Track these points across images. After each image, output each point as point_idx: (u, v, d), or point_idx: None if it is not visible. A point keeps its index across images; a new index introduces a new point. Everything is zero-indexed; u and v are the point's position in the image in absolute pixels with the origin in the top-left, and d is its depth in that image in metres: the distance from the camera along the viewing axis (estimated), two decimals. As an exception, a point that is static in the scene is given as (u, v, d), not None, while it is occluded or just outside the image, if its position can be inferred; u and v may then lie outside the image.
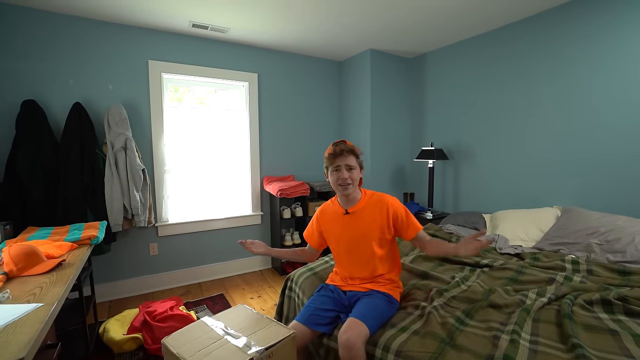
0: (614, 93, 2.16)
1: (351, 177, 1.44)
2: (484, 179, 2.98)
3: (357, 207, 1.50)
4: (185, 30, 2.79)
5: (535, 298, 1.46)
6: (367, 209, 1.49)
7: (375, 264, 1.50)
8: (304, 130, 3.59)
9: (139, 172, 2.51)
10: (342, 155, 1.44)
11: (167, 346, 1.16)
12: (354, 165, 1.45)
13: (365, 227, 1.48)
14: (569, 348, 1.09)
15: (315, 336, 1.44)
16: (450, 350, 1.14)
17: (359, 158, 1.48)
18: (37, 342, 0.89)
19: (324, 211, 1.61)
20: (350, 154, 1.45)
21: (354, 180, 1.46)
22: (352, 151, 1.46)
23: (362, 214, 1.49)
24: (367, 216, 1.48)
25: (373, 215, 1.48)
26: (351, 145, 1.48)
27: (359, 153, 1.49)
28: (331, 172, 1.48)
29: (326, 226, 1.59)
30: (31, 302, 1.08)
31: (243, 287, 3.00)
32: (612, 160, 2.18)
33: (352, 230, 1.50)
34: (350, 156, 1.45)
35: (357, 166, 1.47)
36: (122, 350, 1.98)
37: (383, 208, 1.48)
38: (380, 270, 1.51)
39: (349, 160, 1.44)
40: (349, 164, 1.44)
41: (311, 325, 1.40)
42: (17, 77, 2.33)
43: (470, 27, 2.78)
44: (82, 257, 1.56)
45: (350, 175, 1.44)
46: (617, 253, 1.86)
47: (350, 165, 1.44)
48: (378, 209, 1.48)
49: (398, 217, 1.48)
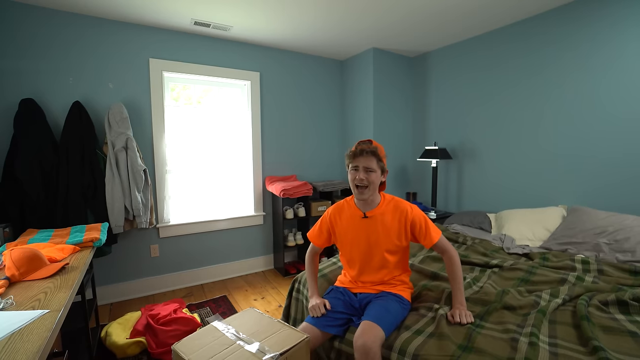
0: (619, 91, 2.14)
1: (368, 179, 1.37)
2: (488, 178, 2.97)
3: (376, 212, 1.44)
4: (187, 28, 2.75)
5: (549, 299, 1.44)
6: (387, 215, 1.44)
7: (388, 268, 1.48)
8: (307, 130, 3.56)
9: (140, 173, 2.46)
10: (362, 156, 1.38)
11: (178, 352, 1.12)
12: (373, 168, 1.37)
13: (383, 232, 1.43)
14: (590, 351, 1.07)
15: (326, 339, 1.41)
16: (469, 354, 1.11)
17: (381, 161, 1.40)
18: (46, 351, 0.85)
19: (339, 211, 1.54)
20: (371, 155, 1.38)
21: (370, 183, 1.38)
22: (374, 153, 1.38)
23: (382, 219, 1.44)
24: (386, 222, 1.43)
25: (392, 221, 1.43)
26: (375, 146, 1.40)
27: (381, 155, 1.41)
28: (350, 170, 1.43)
29: (341, 228, 1.52)
30: (36, 308, 1.04)
31: (246, 288, 2.96)
32: (617, 159, 2.17)
33: (369, 234, 1.45)
34: (370, 158, 1.37)
35: (378, 169, 1.39)
36: (125, 354, 1.94)
37: (402, 215, 1.43)
38: (391, 274, 1.49)
39: (368, 162, 1.37)
40: (368, 166, 1.37)
41: (322, 327, 1.38)
42: (16, 75, 2.27)
43: (474, 26, 2.76)
44: (85, 260, 1.52)
45: (368, 177, 1.37)
46: (626, 252, 1.85)
47: (369, 168, 1.37)
48: (397, 215, 1.43)
49: (416, 225, 1.43)
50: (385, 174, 1.45)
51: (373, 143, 1.42)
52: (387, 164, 1.47)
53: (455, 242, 2.34)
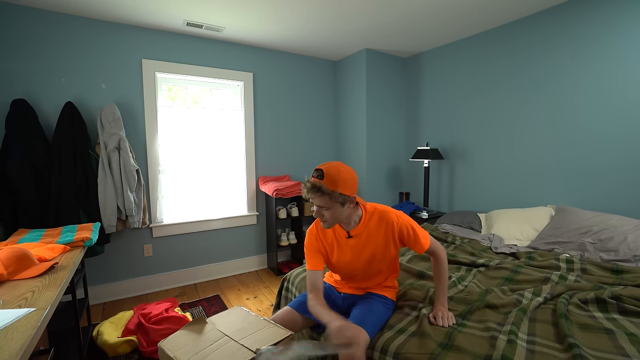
0: (606, 93, 2.18)
1: (325, 216, 1.27)
2: (479, 178, 3.00)
3: (360, 229, 1.37)
4: (180, 29, 2.76)
5: (531, 298, 1.47)
6: (371, 229, 1.36)
7: (377, 277, 1.48)
8: (300, 130, 3.58)
9: (132, 173, 2.48)
10: (311, 194, 1.26)
11: (163, 349, 1.14)
12: (327, 205, 1.24)
13: (371, 248, 1.37)
14: (566, 348, 1.10)
15: (307, 325, 1.44)
16: (448, 352, 1.14)
17: (335, 194, 1.22)
18: (30, 348, 0.87)
19: (324, 233, 1.43)
20: (318, 193, 1.23)
21: (331, 217, 1.27)
22: (320, 190, 1.22)
23: (367, 234, 1.37)
24: (372, 236, 1.36)
25: (378, 235, 1.36)
26: (322, 183, 1.22)
27: (332, 189, 1.21)
28: None
29: (329, 249, 1.43)
30: (22, 306, 1.06)
31: (239, 287, 2.98)
32: (607, 161, 2.21)
33: (357, 253, 1.39)
34: (320, 196, 1.23)
35: (335, 204, 1.24)
36: (116, 353, 1.96)
37: (388, 226, 1.35)
38: (379, 280, 1.50)
39: (320, 200, 1.24)
40: (321, 205, 1.25)
41: (302, 312, 1.41)
42: (7, 75, 2.28)
43: (466, 28, 2.79)
44: (75, 259, 1.53)
45: (325, 215, 1.27)
46: (610, 252, 1.88)
47: (323, 206, 1.25)
48: (383, 227, 1.36)
49: (404, 233, 1.36)
50: (351, 201, 1.28)
51: (324, 173, 1.23)
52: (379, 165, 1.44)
53: (444, 242, 2.37)
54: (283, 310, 1.44)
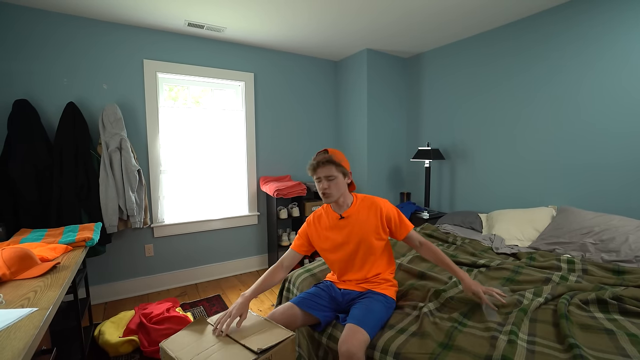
0: (610, 91, 2.17)
1: (330, 187, 1.44)
2: (480, 178, 3.00)
3: (352, 211, 1.51)
4: (181, 30, 2.77)
5: (532, 298, 1.47)
6: (361, 212, 1.51)
7: (370, 265, 1.51)
8: (301, 130, 3.58)
9: (134, 173, 2.48)
10: (320, 167, 1.44)
11: (165, 350, 1.15)
12: (333, 174, 1.44)
13: (362, 229, 1.48)
14: (566, 348, 1.10)
15: (308, 322, 1.46)
16: (449, 351, 1.14)
17: (340, 166, 1.46)
18: (33, 348, 0.87)
19: (318, 218, 1.60)
20: (328, 164, 1.44)
21: (335, 189, 1.45)
22: (330, 161, 1.44)
23: (357, 217, 1.50)
24: (362, 219, 1.49)
25: (368, 218, 1.49)
26: (330, 155, 1.47)
27: (338, 161, 1.46)
28: (315, 182, 1.50)
29: (320, 233, 1.57)
30: (25, 306, 1.06)
31: (240, 287, 2.98)
32: (610, 158, 2.20)
33: (348, 233, 1.50)
34: (328, 166, 1.44)
35: (339, 174, 1.46)
36: (117, 353, 1.96)
37: (377, 210, 1.50)
38: (374, 271, 1.52)
39: (327, 170, 1.44)
40: (328, 175, 1.44)
41: (304, 307, 1.44)
42: (9, 76, 2.29)
43: (467, 28, 2.79)
44: (77, 259, 1.54)
45: (330, 185, 1.44)
46: (611, 252, 1.88)
47: (329, 176, 1.44)
48: (372, 211, 1.50)
49: (391, 218, 1.51)
50: (349, 176, 1.52)
51: (329, 151, 1.48)
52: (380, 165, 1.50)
53: (445, 242, 2.37)
54: (284, 305, 1.47)
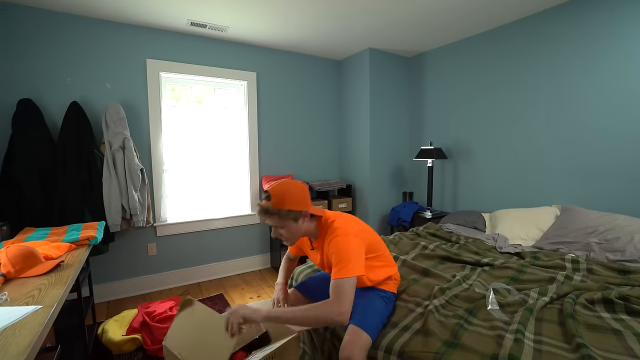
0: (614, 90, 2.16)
1: (284, 235, 1.30)
2: (483, 178, 2.98)
3: (318, 244, 1.39)
4: (184, 29, 2.77)
5: (537, 297, 1.46)
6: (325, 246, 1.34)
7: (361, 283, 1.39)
8: (303, 129, 3.58)
9: (137, 172, 2.49)
10: (261, 217, 1.27)
11: (169, 349, 1.15)
12: (278, 224, 1.26)
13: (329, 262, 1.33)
14: (574, 348, 1.09)
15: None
16: (454, 350, 1.13)
17: (285, 213, 1.22)
18: (37, 345, 0.87)
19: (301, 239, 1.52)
20: (266, 215, 1.24)
21: (289, 235, 1.30)
22: (268, 212, 1.23)
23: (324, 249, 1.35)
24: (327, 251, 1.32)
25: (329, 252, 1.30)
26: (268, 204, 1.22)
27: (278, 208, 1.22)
28: None
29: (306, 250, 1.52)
30: (30, 304, 1.07)
31: (242, 286, 2.98)
32: (612, 159, 2.19)
33: (325, 263, 1.41)
34: (270, 217, 1.24)
35: (288, 221, 1.25)
36: (121, 351, 1.96)
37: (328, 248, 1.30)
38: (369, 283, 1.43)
39: (272, 221, 1.26)
40: (275, 225, 1.27)
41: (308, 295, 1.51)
42: (13, 76, 2.30)
43: (470, 27, 2.78)
44: (80, 258, 1.54)
45: (282, 233, 1.29)
46: (616, 252, 1.86)
47: (277, 226, 1.27)
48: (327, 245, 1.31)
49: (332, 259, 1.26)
50: (305, 214, 1.28)
51: (271, 195, 1.24)
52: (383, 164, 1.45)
53: (448, 241, 2.36)
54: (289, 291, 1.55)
